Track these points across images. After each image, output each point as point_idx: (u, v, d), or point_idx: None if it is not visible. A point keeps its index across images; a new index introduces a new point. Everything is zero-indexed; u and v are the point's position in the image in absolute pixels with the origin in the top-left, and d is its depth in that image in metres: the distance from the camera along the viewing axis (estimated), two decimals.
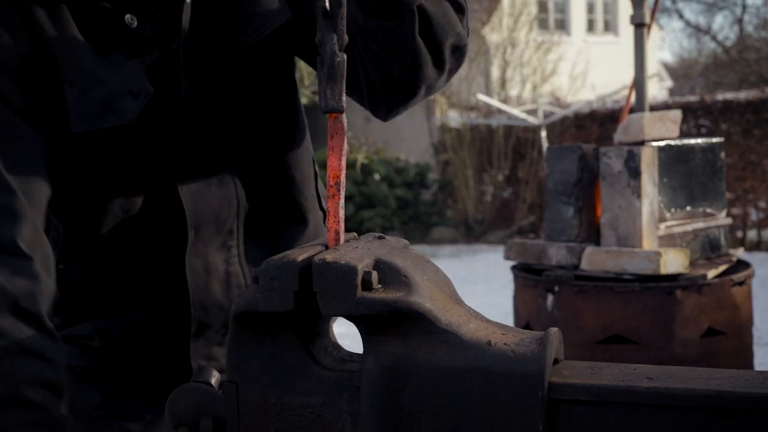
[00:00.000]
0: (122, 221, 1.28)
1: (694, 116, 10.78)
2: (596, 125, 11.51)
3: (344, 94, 0.88)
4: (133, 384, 1.34)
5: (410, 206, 12.04)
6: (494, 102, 11.37)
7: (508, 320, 4.93)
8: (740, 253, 3.70)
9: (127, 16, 1.21)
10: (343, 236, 0.86)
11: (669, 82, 23.13)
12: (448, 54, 1.28)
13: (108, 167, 1.25)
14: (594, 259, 3.30)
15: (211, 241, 1.31)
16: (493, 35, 14.17)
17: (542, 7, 18.05)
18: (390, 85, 1.30)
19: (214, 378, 0.92)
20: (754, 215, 10.60)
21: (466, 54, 1.32)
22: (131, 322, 1.31)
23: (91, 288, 1.31)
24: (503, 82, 13.37)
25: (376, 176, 11.77)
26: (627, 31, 16.66)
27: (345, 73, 0.88)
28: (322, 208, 1.44)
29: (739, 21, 22.00)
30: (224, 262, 1.32)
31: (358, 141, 12.77)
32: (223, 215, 1.32)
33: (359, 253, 0.82)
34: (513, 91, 13.33)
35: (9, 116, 1.15)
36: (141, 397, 1.34)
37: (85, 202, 1.27)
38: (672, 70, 25.69)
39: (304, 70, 11.42)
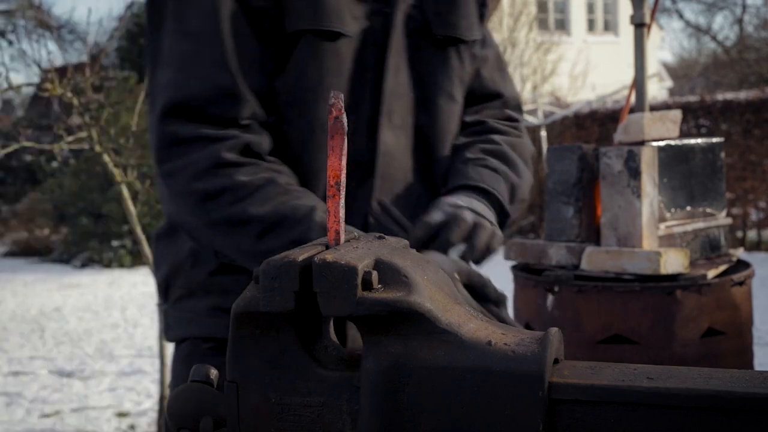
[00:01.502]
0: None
1: (694, 116, 10.78)
2: (596, 125, 11.51)
3: None
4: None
5: None
6: None
7: None
8: (740, 253, 3.69)
9: None
10: (343, 236, 0.86)
11: (669, 82, 23.12)
12: None
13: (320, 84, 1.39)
14: (594, 259, 3.29)
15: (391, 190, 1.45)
16: (493, 35, 14.16)
17: (542, 7, 18.05)
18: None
19: (213, 374, 0.92)
20: (754, 215, 10.60)
21: None
22: None
23: None
24: None
25: None
26: (627, 31, 16.66)
27: None
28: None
29: (739, 21, 21.99)
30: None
31: None
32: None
33: (359, 253, 0.82)
34: None
35: (239, 15, 1.34)
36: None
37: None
38: (672, 70, 25.68)
39: None
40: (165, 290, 1.54)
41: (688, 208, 3.48)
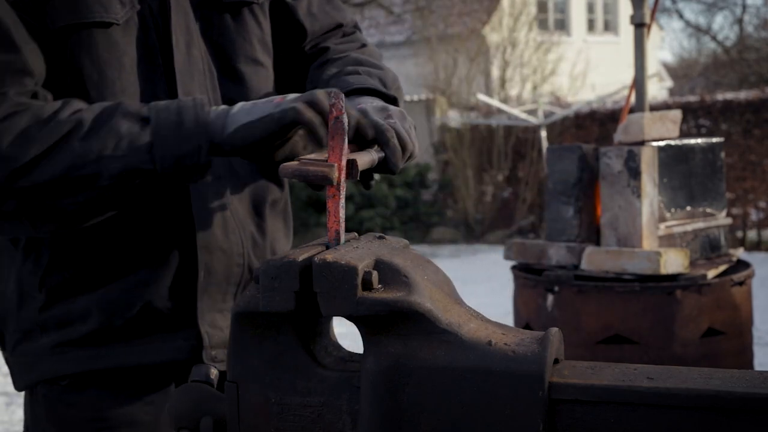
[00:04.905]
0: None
1: (694, 116, 10.78)
2: (596, 125, 11.51)
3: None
4: (123, 386, 1.33)
5: (410, 206, 12.04)
6: (494, 102, 11.36)
7: (508, 320, 4.93)
8: (740, 253, 3.69)
9: None
10: (343, 236, 0.86)
11: (669, 82, 23.11)
12: None
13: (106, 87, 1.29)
14: (594, 259, 3.30)
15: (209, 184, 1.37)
16: (493, 35, 14.16)
17: (542, 7, 18.04)
18: None
19: (213, 374, 0.92)
20: (754, 215, 10.60)
21: None
22: (133, 298, 1.31)
23: (90, 246, 1.30)
24: (503, 82, 13.36)
25: (376, 176, 11.77)
26: (627, 31, 16.65)
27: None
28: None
29: (739, 21, 21.99)
30: (220, 208, 1.37)
31: None
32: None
33: (359, 253, 0.82)
34: (513, 91, 13.32)
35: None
36: (134, 399, 1.33)
37: None
38: (672, 70, 25.66)
39: None
40: (0, 338, 1.42)
41: (688, 208, 3.48)
